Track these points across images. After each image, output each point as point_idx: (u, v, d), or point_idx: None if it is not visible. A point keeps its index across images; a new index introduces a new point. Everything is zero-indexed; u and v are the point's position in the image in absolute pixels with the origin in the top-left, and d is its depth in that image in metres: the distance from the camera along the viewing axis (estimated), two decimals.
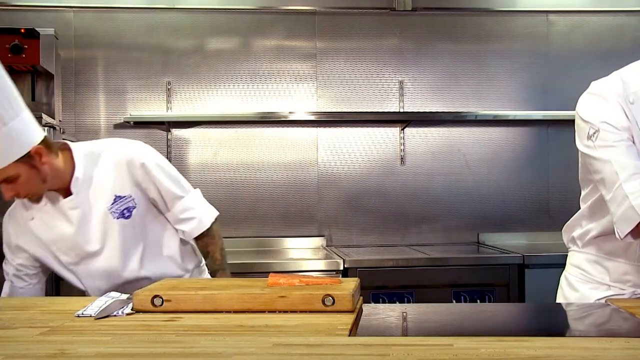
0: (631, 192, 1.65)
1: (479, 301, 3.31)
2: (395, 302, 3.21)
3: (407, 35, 4.07)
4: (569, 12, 4.13)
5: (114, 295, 1.77)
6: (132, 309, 1.60)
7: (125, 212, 2.10)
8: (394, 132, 4.06)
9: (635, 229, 1.66)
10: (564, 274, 2.07)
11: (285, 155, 4.00)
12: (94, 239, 2.08)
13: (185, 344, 1.30)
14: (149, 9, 3.91)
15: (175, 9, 3.93)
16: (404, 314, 1.74)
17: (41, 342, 1.35)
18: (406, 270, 3.36)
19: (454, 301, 3.29)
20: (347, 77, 4.04)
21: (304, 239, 3.97)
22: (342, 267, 3.30)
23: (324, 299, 1.56)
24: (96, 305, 1.64)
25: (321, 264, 3.35)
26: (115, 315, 1.57)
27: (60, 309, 1.68)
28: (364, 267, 3.33)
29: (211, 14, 3.96)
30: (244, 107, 3.96)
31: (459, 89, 4.07)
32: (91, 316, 1.57)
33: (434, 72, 4.07)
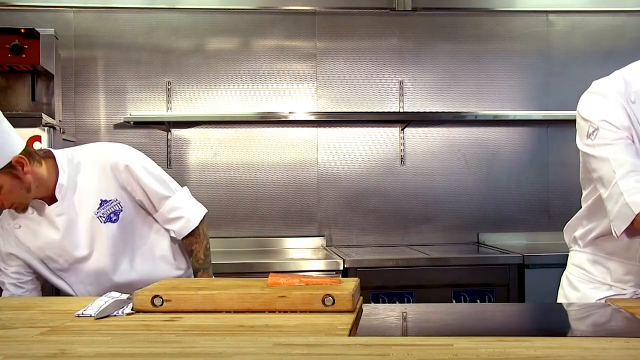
0: (626, 190, 1.64)
1: (479, 301, 3.31)
2: (395, 302, 3.21)
3: (407, 35, 4.07)
4: (569, 12, 4.13)
5: (114, 295, 1.77)
6: (132, 309, 1.60)
7: (112, 215, 2.10)
8: (393, 132, 4.06)
9: (630, 226, 1.66)
10: (565, 274, 2.07)
11: (285, 155, 4.00)
12: (82, 245, 2.08)
13: (185, 344, 1.30)
14: (149, 9, 3.91)
15: (175, 9, 3.93)
16: (404, 314, 1.74)
17: (41, 342, 1.35)
18: (406, 270, 3.36)
19: (454, 301, 3.29)
20: (347, 77, 4.04)
21: (304, 239, 3.97)
22: (342, 267, 3.30)
23: (324, 299, 1.56)
24: (96, 305, 1.64)
25: (321, 264, 3.35)
26: (115, 315, 1.57)
27: (60, 309, 1.68)
28: (364, 267, 3.33)
29: (211, 14, 3.96)
30: (244, 107, 3.96)
31: (459, 89, 4.07)
32: (91, 316, 1.57)
33: (434, 72, 4.07)
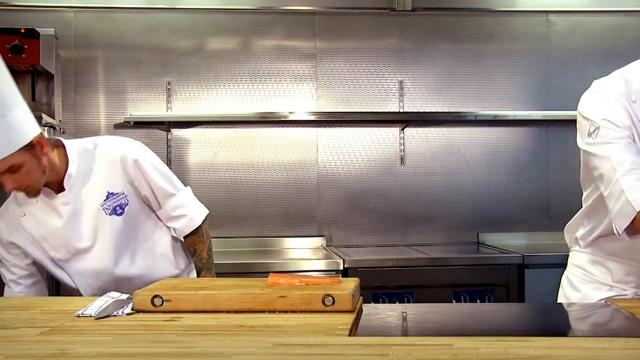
0: (628, 187, 1.65)
1: (478, 301, 3.31)
2: (395, 302, 3.21)
3: (407, 35, 4.07)
4: (569, 12, 4.13)
5: (114, 295, 1.77)
6: (132, 309, 1.60)
7: (117, 208, 2.10)
8: (393, 132, 4.06)
9: (631, 225, 1.66)
10: (565, 274, 2.07)
11: (285, 155, 4.00)
12: (85, 236, 2.08)
13: (185, 344, 1.30)
14: (149, 9, 3.91)
15: (175, 9, 3.93)
16: (404, 314, 1.74)
17: (41, 342, 1.35)
18: (406, 270, 3.36)
19: (454, 301, 3.29)
20: (347, 77, 4.04)
21: (304, 239, 3.97)
22: (342, 267, 3.30)
23: (324, 299, 1.56)
24: (96, 305, 1.64)
25: (321, 264, 3.35)
26: (115, 315, 1.57)
27: (60, 309, 1.68)
28: (364, 267, 3.33)
29: (211, 14, 3.96)
30: (244, 107, 3.96)
31: (459, 89, 4.07)
32: (91, 316, 1.57)
33: (434, 72, 4.07)
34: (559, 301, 2.05)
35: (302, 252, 3.83)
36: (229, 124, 3.96)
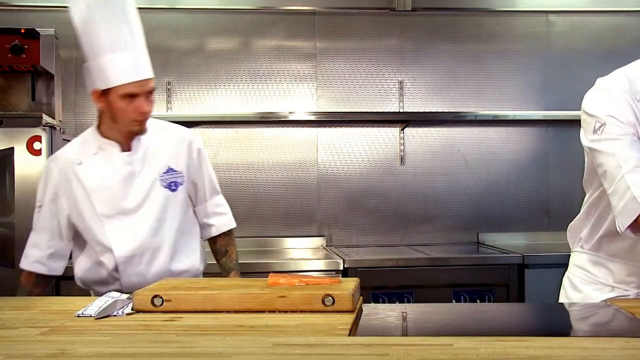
0: (633, 184, 1.64)
1: (478, 301, 3.31)
2: (395, 302, 3.21)
3: (407, 35, 4.07)
4: (568, 12, 4.13)
5: (114, 295, 1.77)
6: (132, 309, 1.61)
7: (172, 184, 2.19)
8: (393, 132, 4.06)
9: (635, 222, 1.65)
10: (566, 275, 2.06)
11: (285, 155, 4.00)
12: (134, 198, 2.14)
13: (185, 344, 1.30)
14: (149, 9, 3.90)
15: (175, 9, 3.93)
16: (404, 314, 1.74)
17: (41, 342, 1.35)
18: (406, 270, 3.36)
19: (454, 301, 3.29)
20: (347, 77, 4.04)
21: (304, 239, 3.97)
22: (342, 267, 3.30)
23: (324, 299, 1.56)
24: (96, 305, 1.64)
25: (321, 264, 3.35)
26: (115, 315, 1.58)
27: (60, 309, 1.68)
28: (363, 267, 3.33)
29: (211, 14, 3.96)
30: (244, 107, 3.96)
31: (458, 89, 4.07)
32: (91, 316, 1.57)
33: (433, 72, 4.07)
34: (561, 301, 2.05)
35: (302, 252, 3.83)
36: (229, 124, 3.96)
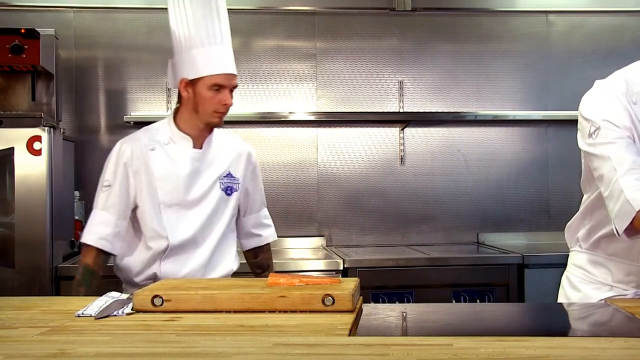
0: (627, 187, 1.65)
1: (478, 301, 3.31)
2: (395, 302, 3.21)
3: (407, 35, 4.07)
4: (568, 12, 4.13)
5: (114, 295, 1.77)
6: (132, 309, 1.61)
7: (228, 189, 2.32)
8: (393, 132, 4.06)
9: (630, 225, 1.65)
10: (565, 274, 2.07)
11: (285, 155, 4.00)
12: (195, 194, 2.24)
13: (185, 344, 1.30)
14: (149, 9, 3.91)
15: None
16: (404, 314, 1.74)
17: (41, 342, 1.35)
18: (406, 270, 3.36)
19: (454, 301, 3.29)
20: (347, 77, 4.04)
21: (304, 239, 3.97)
22: (342, 267, 3.30)
23: (324, 299, 1.56)
24: (96, 305, 1.64)
25: (321, 264, 3.35)
26: (115, 315, 1.58)
27: (60, 309, 1.68)
28: (363, 267, 3.33)
29: None
30: (244, 107, 3.96)
31: (458, 89, 4.07)
32: (91, 316, 1.57)
33: (433, 72, 4.07)
34: (560, 301, 2.05)
35: (302, 252, 3.83)
36: (229, 124, 3.91)
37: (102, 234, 2.19)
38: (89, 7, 3.89)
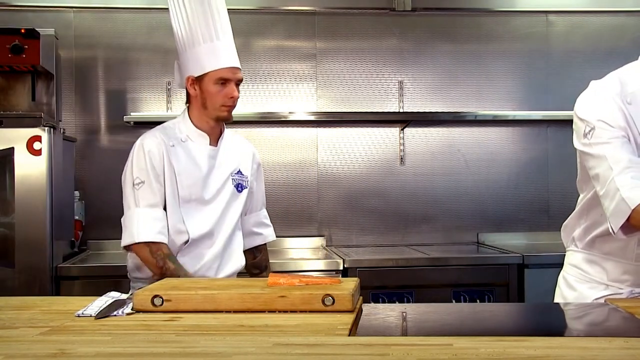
0: (622, 185, 1.66)
1: (478, 301, 3.31)
2: (395, 302, 3.21)
3: (406, 35, 4.07)
4: (568, 12, 4.13)
5: (114, 295, 1.77)
6: (132, 309, 1.61)
7: (239, 186, 2.40)
8: (393, 132, 4.06)
9: (626, 223, 1.66)
10: (561, 274, 2.08)
11: (285, 155, 4.00)
12: (211, 190, 2.32)
13: (185, 344, 1.30)
14: (149, 9, 3.91)
15: None
16: (404, 314, 1.74)
17: (41, 342, 1.35)
18: (406, 270, 3.36)
19: (454, 301, 3.29)
20: (347, 77, 4.04)
21: (303, 239, 3.97)
22: (342, 267, 3.30)
23: (323, 299, 1.56)
24: (96, 305, 1.64)
25: (321, 264, 3.35)
26: (115, 315, 1.58)
27: (60, 309, 1.68)
28: (363, 267, 3.33)
29: None
30: (244, 107, 3.95)
31: (458, 89, 4.07)
32: (91, 316, 1.57)
33: (433, 72, 4.07)
34: (556, 300, 2.06)
35: (302, 252, 3.83)
36: (229, 123, 3.95)
37: (157, 228, 2.20)
38: (89, 7, 3.89)
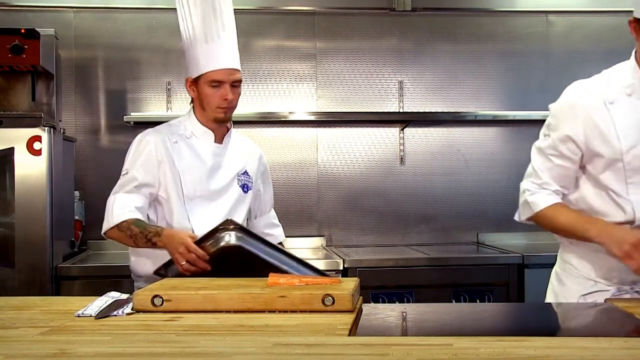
0: (527, 188, 2.01)
1: (478, 301, 3.31)
2: (395, 302, 3.21)
3: (406, 35, 4.07)
4: (568, 12, 4.13)
5: (114, 295, 1.77)
6: (132, 309, 1.61)
7: (244, 186, 2.39)
8: (393, 132, 4.06)
9: (531, 218, 2.00)
10: (554, 268, 2.12)
11: (285, 155, 4.00)
12: (216, 187, 2.31)
13: (185, 344, 1.30)
14: (149, 9, 3.91)
15: (175, 9, 3.89)
16: (404, 314, 1.74)
17: (41, 342, 1.35)
18: (406, 270, 3.36)
19: (454, 301, 3.29)
20: (347, 77, 4.04)
21: (304, 239, 3.97)
22: (342, 267, 3.30)
23: (323, 299, 1.56)
24: (96, 305, 1.64)
25: (321, 264, 3.35)
26: (115, 315, 1.58)
27: (60, 309, 1.68)
28: (363, 267, 3.33)
29: None
30: (244, 107, 3.95)
31: (458, 89, 4.07)
32: (91, 316, 1.57)
33: (433, 72, 4.07)
34: (548, 295, 2.09)
35: (302, 252, 3.82)
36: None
37: (128, 208, 2.19)
38: (89, 7, 3.89)
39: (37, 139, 3.08)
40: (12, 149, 3.08)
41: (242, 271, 1.91)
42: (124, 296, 1.76)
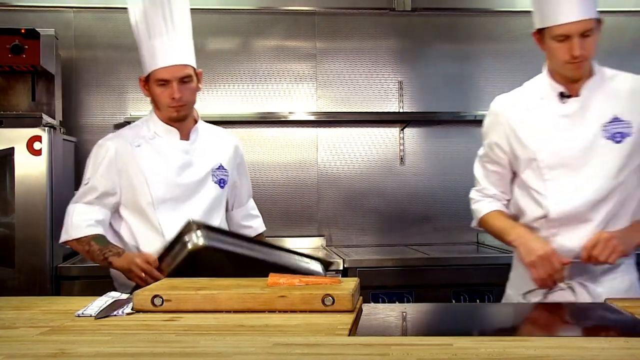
0: (472, 197, 2.32)
1: (478, 301, 3.31)
2: (395, 302, 3.21)
3: (406, 35, 4.07)
4: None
5: (114, 295, 1.77)
6: (132, 309, 1.61)
7: (221, 182, 2.29)
8: (393, 132, 4.06)
9: (478, 224, 2.23)
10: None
11: (285, 155, 4.00)
12: (187, 186, 2.21)
13: (185, 344, 1.30)
14: None
15: None
16: (404, 314, 1.74)
17: (42, 342, 1.35)
18: (406, 270, 3.36)
19: (454, 301, 3.29)
20: (347, 77, 4.04)
21: (303, 239, 3.97)
22: (342, 267, 3.30)
23: (323, 299, 1.57)
24: (96, 305, 1.65)
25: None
26: (115, 315, 1.58)
27: (60, 309, 1.68)
28: (363, 267, 3.33)
29: (211, 14, 3.96)
30: (244, 107, 3.96)
31: (458, 89, 4.07)
32: (91, 316, 1.57)
33: (433, 72, 4.07)
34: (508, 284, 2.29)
35: (302, 252, 3.82)
36: (229, 124, 3.93)
37: (87, 222, 2.14)
38: (89, 7, 3.89)
39: (37, 139, 3.08)
40: (12, 149, 3.08)
41: (222, 270, 1.86)
42: (124, 296, 1.76)
